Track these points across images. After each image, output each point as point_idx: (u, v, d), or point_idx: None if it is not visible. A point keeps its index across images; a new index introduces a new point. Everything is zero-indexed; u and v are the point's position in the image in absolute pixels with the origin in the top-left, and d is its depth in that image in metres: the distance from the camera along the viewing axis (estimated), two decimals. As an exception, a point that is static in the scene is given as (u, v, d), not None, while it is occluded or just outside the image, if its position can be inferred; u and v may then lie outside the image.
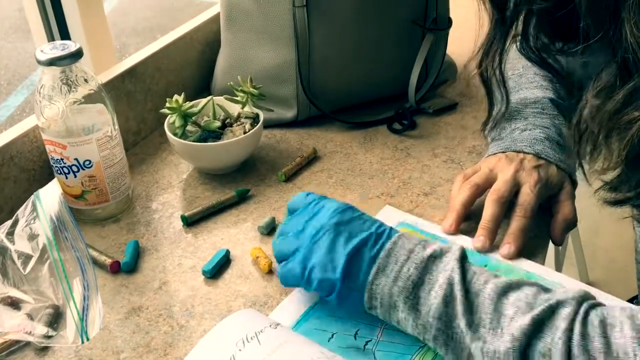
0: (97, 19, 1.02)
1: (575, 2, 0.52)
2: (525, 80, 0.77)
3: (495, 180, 0.66)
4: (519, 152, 0.68)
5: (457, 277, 0.50)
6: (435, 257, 0.52)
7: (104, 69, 0.85)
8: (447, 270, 0.51)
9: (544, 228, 0.68)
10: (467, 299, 0.49)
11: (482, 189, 0.65)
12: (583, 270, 1.68)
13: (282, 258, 0.58)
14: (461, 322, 0.48)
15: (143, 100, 0.87)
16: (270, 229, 0.70)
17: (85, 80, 0.68)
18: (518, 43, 0.77)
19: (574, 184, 0.68)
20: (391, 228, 0.56)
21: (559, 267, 1.53)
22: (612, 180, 0.57)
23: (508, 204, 0.64)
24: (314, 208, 0.58)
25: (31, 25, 1.05)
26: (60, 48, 0.66)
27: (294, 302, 0.60)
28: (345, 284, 0.53)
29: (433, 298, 0.50)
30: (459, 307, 0.49)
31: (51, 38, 1.03)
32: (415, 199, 0.75)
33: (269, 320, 0.54)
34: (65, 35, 1.03)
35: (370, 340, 0.56)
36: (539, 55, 0.74)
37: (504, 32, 0.66)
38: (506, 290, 0.49)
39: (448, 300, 0.49)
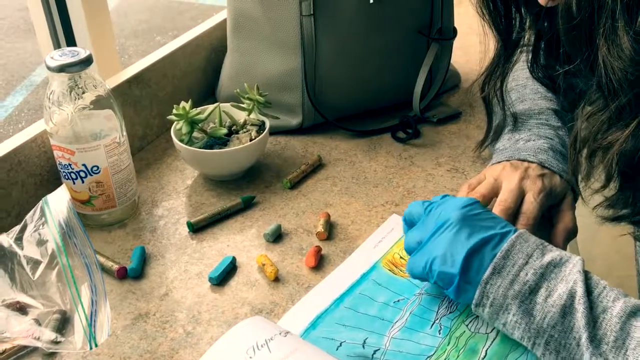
0: (102, 24, 1.03)
1: (557, 29, 0.54)
2: (529, 91, 0.78)
3: (500, 189, 0.67)
4: (523, 160, 0.68)
5: (580, 290, 0.50)
6: (554, 266, 0.52)
7: (109, 74, 0.86)
8: (568, 281, 0.51)
9: (544, 237, 0.68)
10: (591, 314, 0.49)
11: (487, 200, 0.66)
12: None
13: (410, 251, 0.59)
14: (582, 335, 0.49)
15: (149, 105, 0.88)
16: (275, 236, 0.71)
17: (94, 87, 0.69)
18: (523, 57, 0.78)
19: (575, 195, 0.69)
20: (515, 229, 0.56)
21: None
22: (609, 197, 0.58)
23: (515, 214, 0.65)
24: (437, 208, 0.58)
25: (37, 30, 1.05)
26: (70, 55, 0.67)
27: (302, 310, 0.61)
28: (463, 279, 0.53)
29: (550, 306, 0.50)
30: (581, 320, 0.49)
31: (57, 43, 1.03)
32: (419, 208, 0.76)
33: (278, 328, 0.55)
34: (70, 40, 1.03)
35: (378, 350, 0.56)
36: (546, 73, 0.75)
37: (508, 55, 0.68)
38: (636, 312, 0.49)
39: (567, 311, 0.50)
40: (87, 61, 0.67)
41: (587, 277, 0.52)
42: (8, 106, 3.08)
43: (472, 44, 1.16)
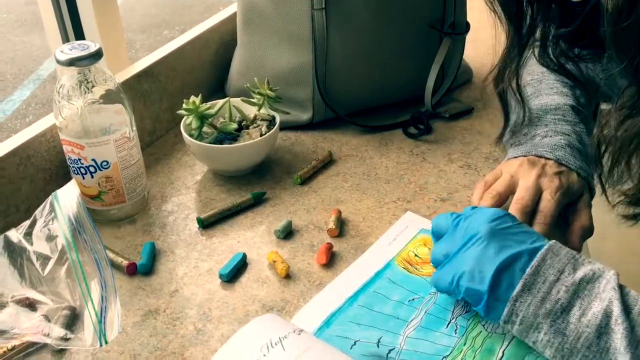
0: (111, 18, 1.02)
1: (600, 32, 0.51)
2: (545, 86, 0.77)
3: (516, 186, 0.65)
4: (540, 157, 0.67)
5: (616, 310, 0.48)
6: (587, 282, 0.50)
7: (118, 68, 0.85)
8: (603, 299, 0.49)
9: (560, 236, 0.67)
10: (633, 334, 0.47)
11: (504, 198, 0.65)
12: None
13: (436, 264, 0.58)
14: (624, 357, 0.46)
15: (158, 100, 0.87)
16: (286, 233, 0.70)
17: (104, 81, 0.68)
18: (536, 50, 0.76)
19: (592, 193, 0.68)
20: (546, 242, 0.53)
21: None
22: (629, 195, 0.56)
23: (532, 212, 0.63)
24: (465, 221, 0.56)
25: (45, 23, 1.04)
26: (79, 48, 0.66)
27: (315, 308, 0.60)
28: (492, 297, 0.52)
29: (584, 326, 0.48)
30: (621, 342, 0.47)
31: (65, 37, 1.02)
32: (432, 204, 0.75)
33: (292, 326, 0.54)
34: (79, 34, 1.02)
35: (393, 349, 0.55)
36: (557, 62, 0.74)
37: (521, 47, 0.67)
38: None
39: (602, 331, 0.48)
40: (96, 55, 0.66)
41: (623, 292, 0.49)
42: (16, 100, 3.08)
43: (484, 39, 1.15)
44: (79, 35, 1.03)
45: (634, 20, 0.48)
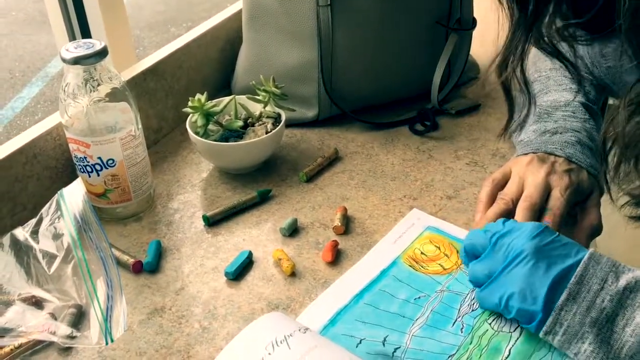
0: (118, 16, 1.02)
1: (615, 25, 0.50)
2: (553, 83, 0.76)
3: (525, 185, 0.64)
4: (550, 154, 0.66)
5: None
6: (630, 291, 0.49)
7: (124, 66, 0.85)
8: None
9: (568, 234, 0.66)
10: None
11: (516, 203, 0.63)
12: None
13: (477, 283, 0.56)
14: None
15: (164, 98, 0.87)
16: (291, 231, 0.70)
17: (110, 79, 0.68)
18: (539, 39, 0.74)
19: (602, 191, 0.67)
20: (589, 252, 0.52)
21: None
22: (637, 194, 0.55)
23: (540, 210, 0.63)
24: (505, 239, 0.55)
25: (52, 21, 1.04)
26: (85, 47, 0.66)
27: (321, 306, 0.60)
28: (546, 314, 0.51)
29: (629, 336, 0.48)
30: None
31: (72, 35, 1.02)
32: (438, 202, 0.74)
33: (298, 324, 0.54)
34: (85, 32, 1.02)
35: (399, 347, 0.55)
36: (555, 48, 0.70)
37: (526, 31, 0.64)
38: None
39: None
40: (102, 53, 0.66)
41: None
42: (25, 97, 3.10)
43: (490, 35, 1.14)
44: (86, 33, 1.04)
45: None
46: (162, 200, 0.76)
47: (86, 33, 1.03)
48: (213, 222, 0.72)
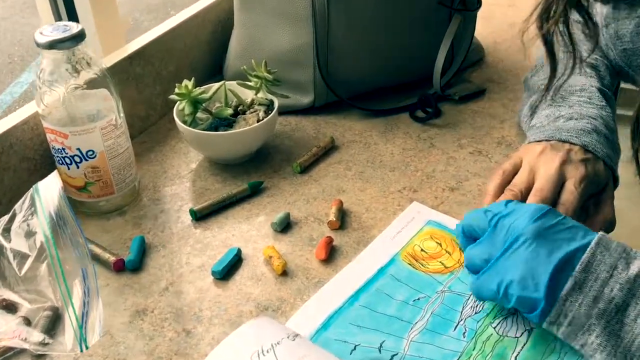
0: (105, -3, 0.97)
1: None
2: (562, 68, 0.71)
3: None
4: (564, 142, 0.61)
5: None
6: None
7: (113, 51, 0.80)
8: None
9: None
10: None
11: (526, 195, 0.58)
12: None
13: (474, 270, 0.53)
14: None
15: (152, 84, 0.82)
16: (284, 226, 0.66)
17: (88, 64, 0.63)
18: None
19: (616, 184, 0.63)
20: (596, 236, 0.48)
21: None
22: None
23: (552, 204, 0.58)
24: (505, 220, 0.51)
25: (38, 4, 1.00)
26: (61, 30, 0.61)
27: (313, 309, 0.56)
28: (549, 303, 0.47)
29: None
30: None
31: (58, 17, 0.98)
32: (440, 194, 0.70)
33: (286, 330, 0.50)
34: (72, 15, 0.98)
35: (397, 354, 0.51)
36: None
37: None
38: None
39: None
40: (79, 36, 0.61)
41: None
42: (23, 82, 3.06)
43: (496, 15, 1.09)
44: (72, 16, 0.99)
45: None
46: (148, 193, 0.72)
47: (72, 16, 0.99)
48: (201, 216, 0.68)
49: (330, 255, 0.62)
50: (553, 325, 0.48)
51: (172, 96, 0.72)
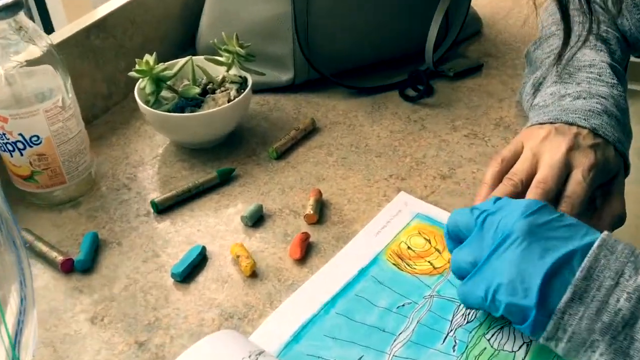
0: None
1: None
2: (574, 38, 0.63)
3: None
4: (571, 124, 0.54)
5: None
6: None
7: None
8: None
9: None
10: None
11: (527, 186, 0.51)
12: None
13: (461, 275, 0.46)
14: None
15: (114, 58, 0.74)
16: (255, 220, 0.59)
17: (31, 39, 0.56)
18: None
19: (627, 172, 0.56)
20: (600, 237, 0.42)
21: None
22: None
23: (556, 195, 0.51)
24: (493, 217, 0.44)
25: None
26: (-5, -3, 0.54)
27: (284, 317, 0.49)
28: (541, 313, 0.41)
29: None
30: None
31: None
32: (430, 182, 0.63)
33: (250, 346, 0.44)
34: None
35: (374, 376, 0.45)
36: None
37: None
38: None
39: None
40: (15, 5, 0.54)
41: None
42: None
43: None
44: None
45: None
46: (107, 182, 0.65)
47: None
48: (163, 208, 0.61)
49: (306, 253, 0.55)
50: (551, 341, 0.42)
51: (132, 73, 0.65)
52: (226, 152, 0.68)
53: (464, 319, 0.49)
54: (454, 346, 0.47)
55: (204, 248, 0.56)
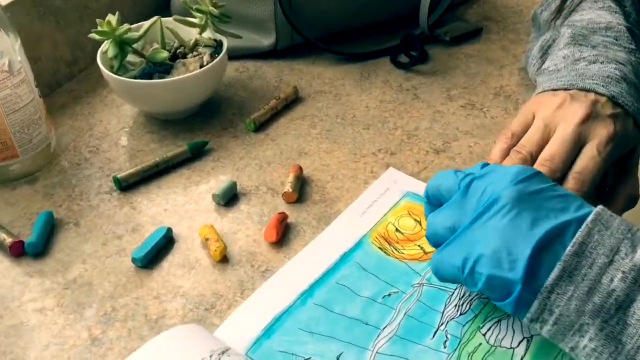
0: None
1: None
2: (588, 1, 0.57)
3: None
4: (588, 91, 0.48)
5: None
6: None
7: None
8: None
9: (592, 204, 0.50)
10: None
11: (535, 159, 0.46)
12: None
13: (436, 242, 0.41)
14: None
15: (78, 20, 0.68)
16: (229, 198, 0.53)
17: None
18: None
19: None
20: (594, 211, 0.37)
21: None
22: None
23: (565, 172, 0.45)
24: (480, 181, 0.39)
25: None
26: None
27: (255, 309, 0.44)
28: (527, 289, 0.36)
29: None
30: None
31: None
32: (422, 157, 0.57)
33: (214, 342, 0.39)
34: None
35: (354, 378, 0.40)
36: None
37: None
38: None
39: None
40: (-49, -46, 0.47)
41: None
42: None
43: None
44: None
45: None
46: (68, 155, 0.59)
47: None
48: (127, 185, 0.55)
49: (284, 236, 0.50)
50: (535, 323, 0.37)
51: (92, 35, 0.58)
52: (200, 123, 0.62)
53: (457, 311, 0.43)
54: (445, 342, 0.42)
55: (169, 230, 0.50)
